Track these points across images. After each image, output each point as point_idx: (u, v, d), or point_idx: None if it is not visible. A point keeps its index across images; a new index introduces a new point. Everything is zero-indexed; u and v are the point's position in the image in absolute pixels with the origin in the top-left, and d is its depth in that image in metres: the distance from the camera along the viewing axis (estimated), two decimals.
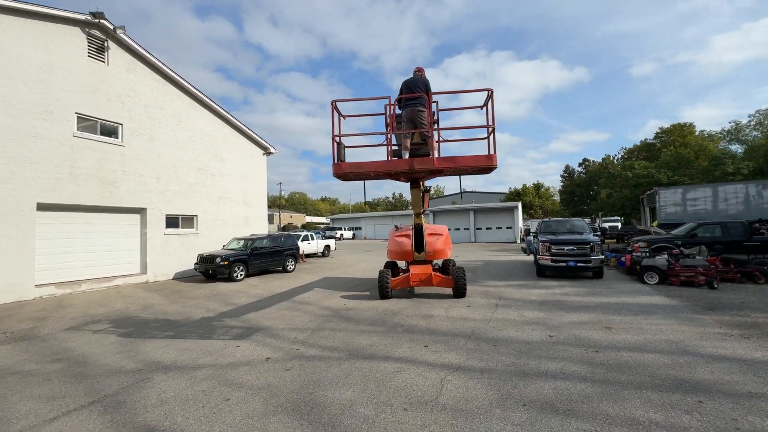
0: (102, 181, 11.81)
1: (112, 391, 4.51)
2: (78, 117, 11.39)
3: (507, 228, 37.84)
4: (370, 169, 7.03)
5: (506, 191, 61.64)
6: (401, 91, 7.17)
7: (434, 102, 7.71)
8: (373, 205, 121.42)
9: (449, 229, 38.72)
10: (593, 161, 74.11)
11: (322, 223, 70.61)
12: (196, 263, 13.41)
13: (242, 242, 14.43)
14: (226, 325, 7.50)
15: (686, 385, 4.08)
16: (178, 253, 14.14)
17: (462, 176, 9.44)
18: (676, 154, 46.59)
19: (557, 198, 66.09)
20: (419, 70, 7.45)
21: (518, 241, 36.23)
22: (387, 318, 7.67)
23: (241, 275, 13.25)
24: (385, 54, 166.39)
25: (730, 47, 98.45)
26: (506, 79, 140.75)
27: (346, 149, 7.72)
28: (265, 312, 8.51)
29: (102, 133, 12.03)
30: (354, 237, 48.96)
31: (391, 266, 11.70)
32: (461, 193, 53.31)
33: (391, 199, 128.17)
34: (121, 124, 12.50)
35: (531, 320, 7.09)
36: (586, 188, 69.03)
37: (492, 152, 7.02)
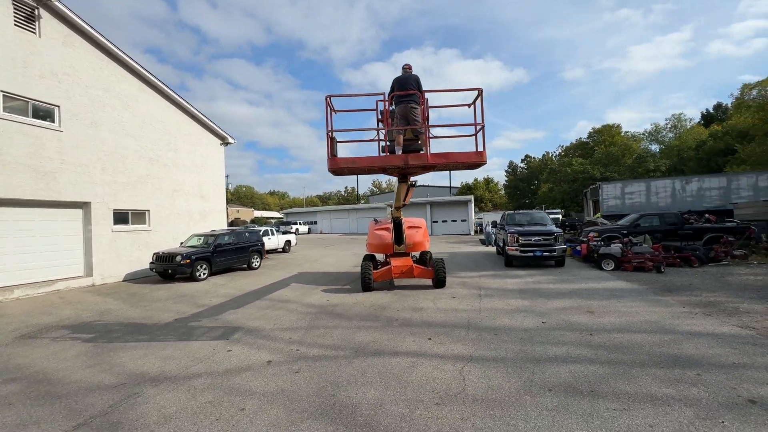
0: (37, 172, 10.25)
1: (98, 411, 3.95)
2: (4, 95, 9.73)
3: (462, 221, 39.27)
4: (365, 164, 6.97)
5: (458, 185, 63.90)
6: (392, 88, 7.14)
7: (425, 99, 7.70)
8: (324, 199, 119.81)
9: None
10: (534, 158, 79.96)
11: (274, 218, 68.05)
12: (151, 262, 12.22)
13: (203, 239, 13.40)
14: (206, 327, 6.93)
15: (681, 361, 4.50)
16: (129, 252, 12.78)
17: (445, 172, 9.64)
18: (607, 152, 51.40)
19: (503, 192, 69.88)
20: (408, 67, 7.43)
21: (472, 233, 37.82)
22: (378, 313, 7.57)
23: (204, 274, 12.32)
24: (334, 45, 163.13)
25: (645, 57, 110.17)
26: (452, 76, 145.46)
27: (337, 143, 7.51)
28: (246, 312, 7.99)
29: (35, 116, 10.40)
30: (309, 231, 47.85)
31: (369, 259, 11.77)
32: (449, 187, 54.38)
33: (343, 192, 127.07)
34: (58, 107, 10.91)
35: (518, 308, 7.41)
36: (528, 183, 73.90)
37: (481, 149, 7.19)
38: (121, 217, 12.71)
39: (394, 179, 8.90)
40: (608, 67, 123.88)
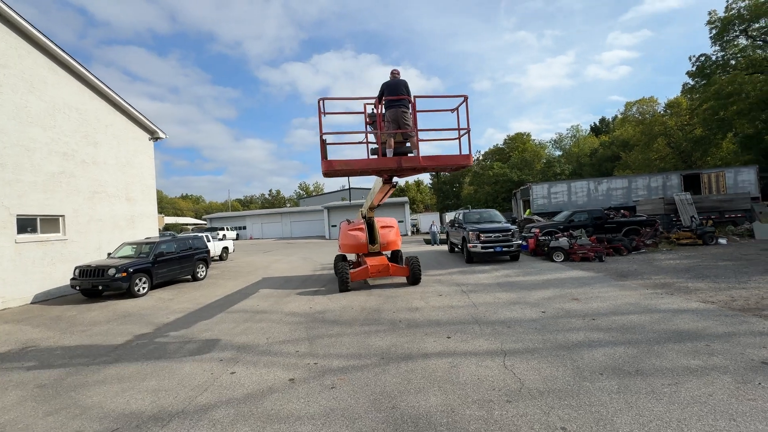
0: None
1: None
2: None
3: (399, 222, 39.97)
4: (359, 166, 6.88)
5: None
6: (382, 92, 7.11)
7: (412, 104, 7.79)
8: (245, 203, 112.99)
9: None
10: None
11: (191, 224, 61.81)
12: (73, 278, 10.08)
13: (139, 247, 11.50)
14: (184, 349, 5.89)
15: (684, 335, 5.08)
16: (39, 268, 10.37)
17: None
18: (521, 158, 57.16)
19: (432, 194, 73.25)
20: (396, 73, 7.49)
21: (410, 233, 38.88)
22: (374, 316, 7.24)
23: (143, 289, 10.55)
24: (249, 41, 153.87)
25: (539, 75, 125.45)
26: (373, 81, 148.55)
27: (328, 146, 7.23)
28: (223, 327, 7.01)
29: None
30: (238, 237, 44.44)
31: (341, 259, 11.93)
32: (406, 188, 54.09)
33: (267, 196, 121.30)
34: None
35: (510, 301, 7.71)
36: (450, 185, 78.96)
37: (468, 152, 7.50)
38: (27, 225, 10.26)
39: (323, 181, 8.82)
40: (510, 82, 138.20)
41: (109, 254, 11.52)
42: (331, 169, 6.80)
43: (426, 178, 72.95)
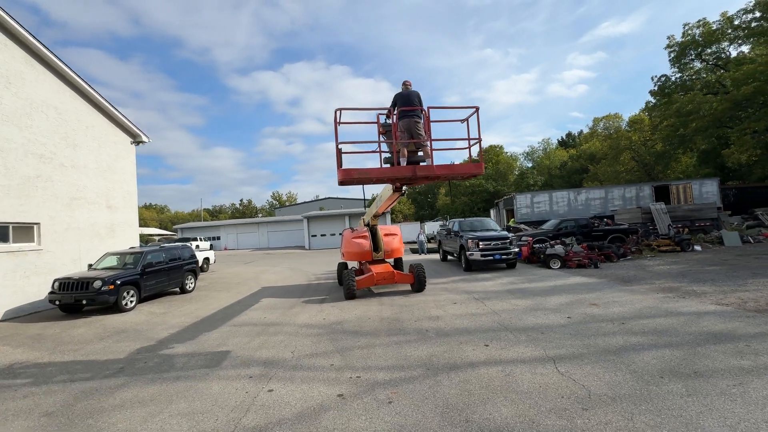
0: None
1: None
2: None
3: None
4: (376, 175, 6.91)
5: (369, 197, 65.04)
6: (395, 102, 7.19)
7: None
8: (214, 213, 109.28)
9: (324, 235, 38.09)
10: None
11: (158, 235, 58.66)
12: (52, 292, 9.14)
13: (124, 258, 10.64)
14: (200, 366, 5.40)
15: (719, 336, 5.21)
16: (11, 281, 9.33)
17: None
18: (496, 169, 58.92)
19: (410, 203, 73.78)
20: (409, 84, 7.64)
21: None
22: (397, 326, 7.00)
23: (131, 302, 9.74)
24: (218, 48, 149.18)
25: (505, 91, 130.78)
26: (345, 92, 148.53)
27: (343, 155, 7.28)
28: (236, 342, 6.52)
29: None
30: (212, 248, 42.51)
31: (343, 267, 11.99)
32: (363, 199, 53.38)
33: (238, 205, 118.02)
34: None
35: (529, 307, 7.71)
36: (425, 195, 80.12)
37: (479, 161, 7.71)
38: None
39: (296, 191, 8.83)
40: (478, 97, 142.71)
41: (90, 265, 10.57)
42: (349, 178, 6.88)
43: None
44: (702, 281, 9.03)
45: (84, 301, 8.97)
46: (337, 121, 7.05)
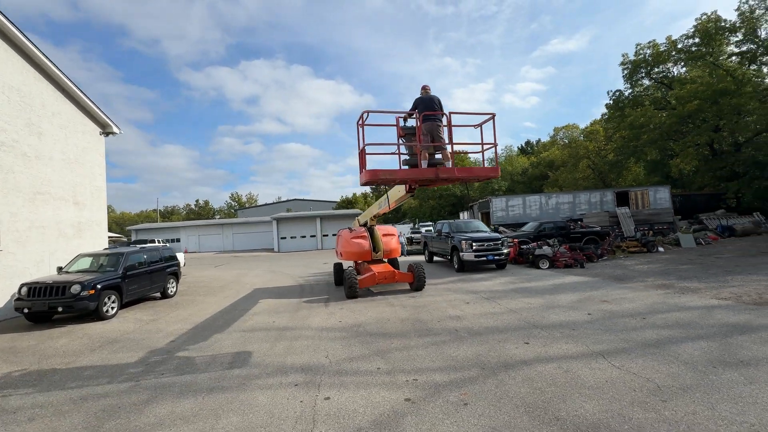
0: None
1: None
2: None
3: None
4: (401, 176, 7.04)
5: (336, 200, 64.30)
6: (416, 106, 7.31)
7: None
8: (165, 215, 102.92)
9: (294, 237, 37.21)
10: None
11: (112, 236, 53.99)
12: (18, 299, 7.97)
13: (100, 259, 9.57)
14: (231, 378, 4.92)
15: (740, 328, 5.60)
16: None
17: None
18: None
19: None
20: (428, 88, 7.76)
21: None
22: (422, 326, 6.86)
23: (113, 309, 8.76)
24: (169, 40, 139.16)
25: (464, 99, 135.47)
26: (306, 93, 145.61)
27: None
28: (256, 349, 6.05)
29: None
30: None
31: (339, 267, 12.04)
32: (354, 201, 51.98)
33: (193, 206, 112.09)
34: None
35: (545, 305, 7.88)
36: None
37: (496, 164, 7.94)
38: None
39: (257, 192, 8.74)
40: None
41: (60, 268, 9.37)
42: (375, 178, 6.93)
43: (359, 191, 73.66)
44: (687, 278, 9.75)
45: (60, 309, 7.92)
46: (361, 123, 7.04)
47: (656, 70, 35.37)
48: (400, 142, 7.50)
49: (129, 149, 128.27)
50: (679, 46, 33.69)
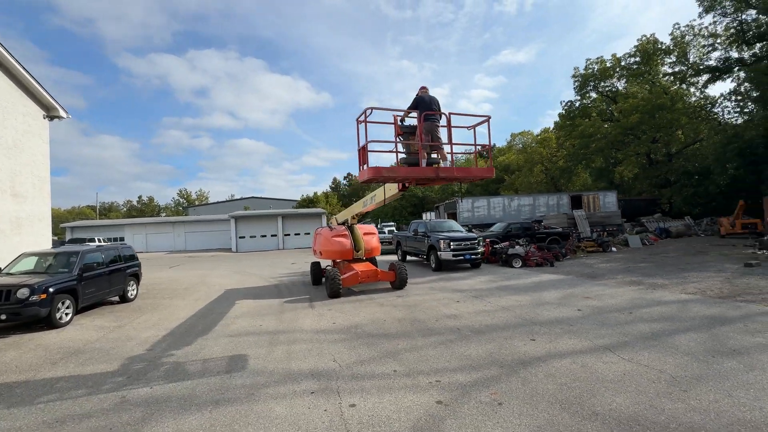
0: None
1: None
2: None
3: None
4: (402, 174, 6.92)
5: (297, 198, 62.61)
6: (416, 105, 7.28)
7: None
8: (102, 212, 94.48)
9: (254, 236, 35.87)
10: (355, 176, 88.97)
11: None
12: None
13: (48, 259, 8.40)
14: (227, 384, 4.48)
15: (718, 319, 6.10)
16: None
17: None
18: None
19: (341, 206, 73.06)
20: (426, 89, 7.73)
21: None
22: (422, 326, 6.76)
23: (67, 315, 7.70)
24: (105, 21, 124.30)
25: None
26: (260, 87, 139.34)
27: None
28: (251, 353, 5.59)
29: None
30: None
31: (316, 266, 11.93)
32: (315, 200, 49.77)
33: (135, 203, 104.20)
34: None
35: (534, 302, 8.11)
36: (350, 198, 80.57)
37: (490, 165, 8.06)
38: None
39: (207, 189, 8.62)
40: (395, 105, 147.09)
41: (1, 270, 8.08)
42: (378, 176, 6.77)
43: (318, 190, 72.76)
44: (650, 276, 10.57)
45: (3, 317, 6.80)
46: (361, 120, 6.84)
47: (603, 84, 38.34)
48: (398, 140, 7.39)
49: (57, 138, 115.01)
50: (623, 63, 36.83)
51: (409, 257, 17.40)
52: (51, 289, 7.33)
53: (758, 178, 25.86)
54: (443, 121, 7.42)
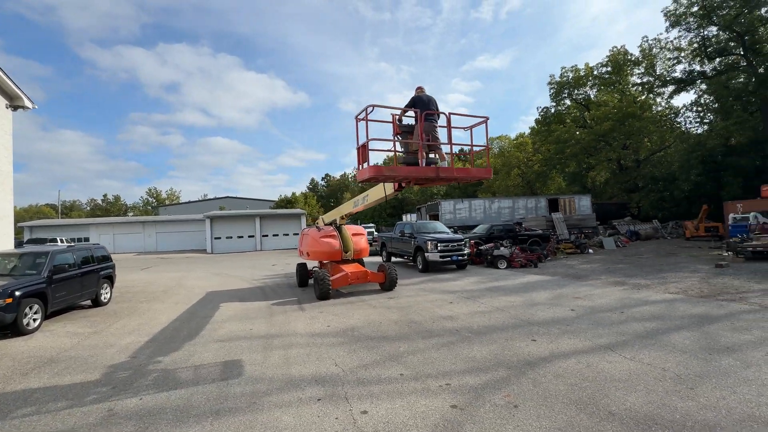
0: None
1: None
2: None
3: (294, 234, 37.83)
4: (404, 173, 6.72)
5: (275, 199, 61.36)
6: (414, 104, 7.20)
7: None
8: (64, 210, 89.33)
9: (230, 237, 34.95)
10: (333, 177, 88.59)
11: None
12: None
13: (11, 260, 7.72)
14: (226, 392, 4.22)
15: (705, 318, 6.33)
16: None
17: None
18: None
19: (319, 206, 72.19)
20: (422, 89, 7.67)
21: None
22: (420, 328, 6.66)
23: (35, 321, 7.09)
24: (68, 9, 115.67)
25: (400, 104, 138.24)
26: (235, 84, 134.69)
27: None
28: (246, 359, 5.31)
29: None
30: None
31: (302, 268, 11.72)
32: (294, 200, 48.26)
33: (100, 202, 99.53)
34: None
35: (527, 303, 8.19)
36: (327, 199, 79.88)
37: (488, 167, 8.14)
38: None
39: (179, 188, 8.48)
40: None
41: None
42: (380, 175, 6.62)
43: (296, 190, 71.75)
44: (632, 276, 10.95)
45: None
46: (362, 118, 6.67)
47: (576, 91, 39.78)
48: (397, 138, 7.28)
49: (12, 132, 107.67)
50: (595, 72, 38.36)
51: (394, 258, 17.31)
52: (17, 293, 6.71)
53: (718, 184, 27.55)
54: (442, 122, 7.30)
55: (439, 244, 13.44)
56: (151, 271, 19.12)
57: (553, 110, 40.90)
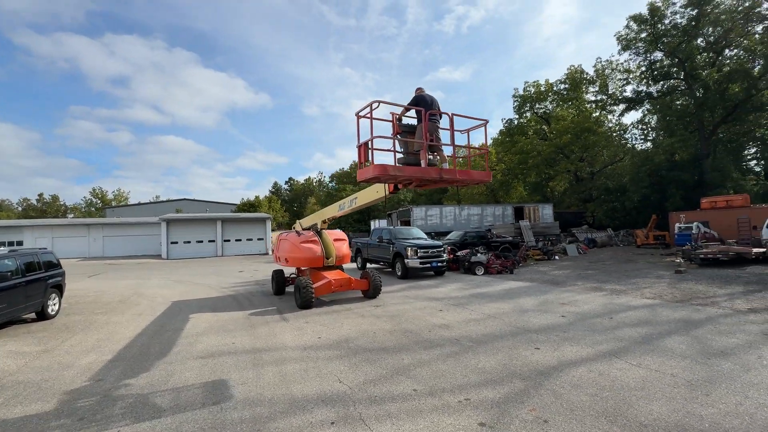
0: None
1: None
2: None
3: (258, 239, 36.31)
4: (408, 173, 6.44)
5: (236, 203, 58.72)
6: (416, 103, 7.08)
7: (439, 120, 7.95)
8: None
9: (188, 242, 33.07)
10: (297, 181, 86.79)
11: None
12: None
13: None
14: (224, 418, 3.72)
15: (690, 323, 6.60)
16: None
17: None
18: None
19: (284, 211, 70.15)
20: (422, 89, 7.59)
21: (270, 252, 35.70)
22: (417, 338, 6.41)
23: None
24: None
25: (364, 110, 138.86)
26: (191, 81, 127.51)
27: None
28: (235, 378, 4.77)
29: None
30: None
31: (279, 275, 11.18)
32: (257, 204, 45.33)
33: (35, 202, 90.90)
34: None
35: (517, 309, 8.20)
36: (291, 204, 78.00)
37: (487, 170, 8.16)
38: None
39: (127, 188, 8.20)
40: (337, 112, 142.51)
41: None
42: (384, 173, 6.28)
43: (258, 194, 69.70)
44: (605, 282, 11.40)
45: None
46: (364, 115, 6.43)
47: (538, 105, 41.86)
48: (397, 138, 7.04)
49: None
50: (555, 88, 40.61)
51: (370, 264, 16.96)
52: None
53: (663, 196, 29.93)
54: (445, 123, 7.15)
55: (419, 251, 13.30)
56: (101, 278, 17.35)
57: (516, 122, 42.68)
